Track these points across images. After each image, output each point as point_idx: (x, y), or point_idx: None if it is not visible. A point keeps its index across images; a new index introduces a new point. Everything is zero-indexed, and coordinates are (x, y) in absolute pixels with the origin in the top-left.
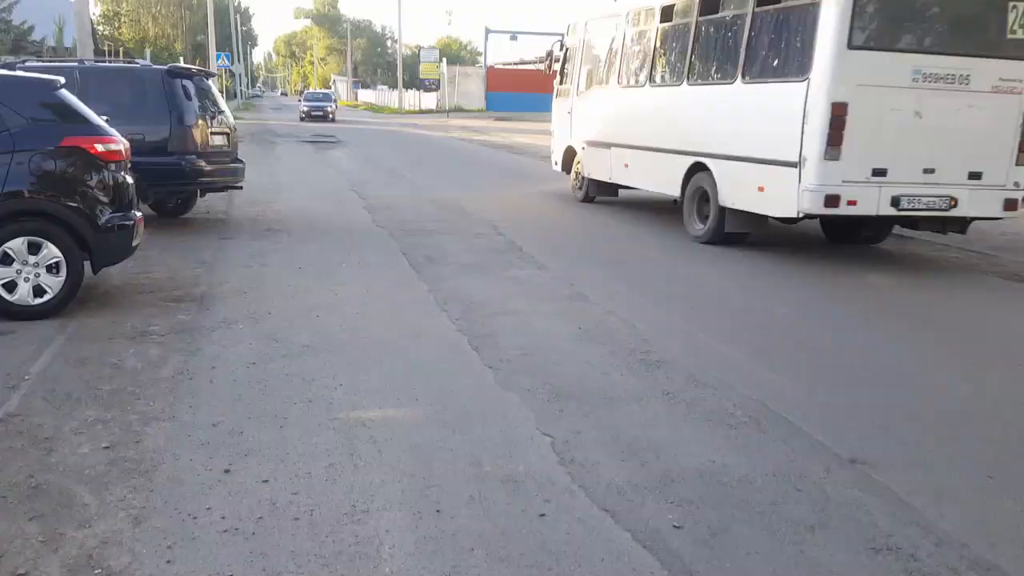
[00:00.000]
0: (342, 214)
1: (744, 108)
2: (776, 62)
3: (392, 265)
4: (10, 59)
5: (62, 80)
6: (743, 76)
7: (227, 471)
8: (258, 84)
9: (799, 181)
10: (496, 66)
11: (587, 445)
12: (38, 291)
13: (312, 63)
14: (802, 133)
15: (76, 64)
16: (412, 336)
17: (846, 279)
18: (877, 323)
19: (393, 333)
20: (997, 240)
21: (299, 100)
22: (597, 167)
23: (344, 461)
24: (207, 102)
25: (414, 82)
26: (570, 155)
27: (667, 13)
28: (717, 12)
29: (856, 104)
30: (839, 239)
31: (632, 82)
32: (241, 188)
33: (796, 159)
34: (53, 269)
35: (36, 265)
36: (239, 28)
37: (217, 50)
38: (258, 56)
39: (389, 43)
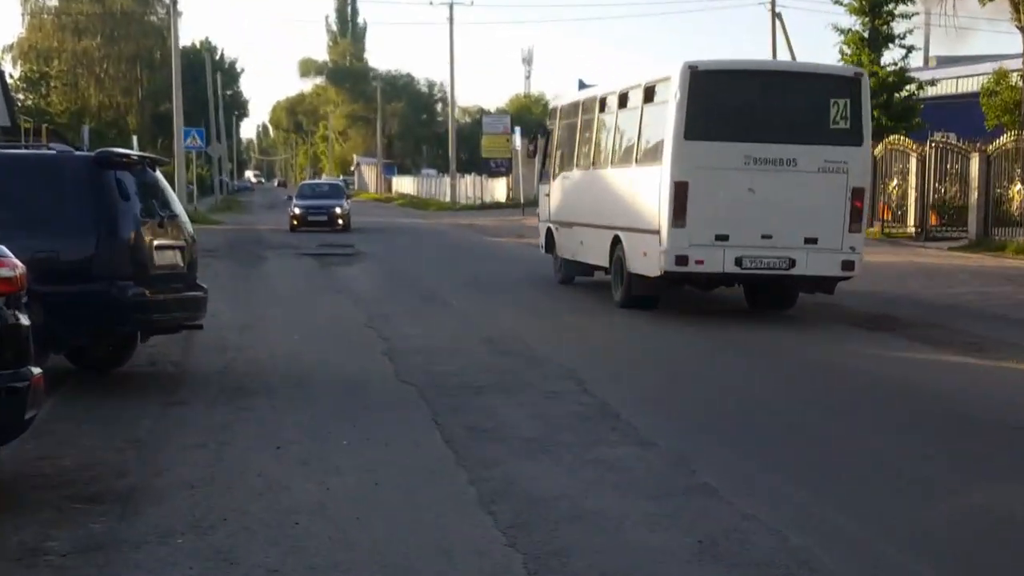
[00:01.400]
0: (351, 362)
1: (644, 187)
2: (649, 149)
3: (418, 441)
4: None
5: None
6: (639, 160)
7: None
8: (247, 172)
9: (660, 245)
10: None
11: None
12: None
13: (326, 139)
14: (659, 206)
15: None
16: (437, 554)
17: None
18: None
19: (409, 549)
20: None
21: (289, 197)
22: (566, 246)
23: None
24: (154, 202)
25: (474, 162)
26: (550, 237)
27: (623, 99)
28: (629, 105)
29: (696, 183)
30: (755, 305)
31: (584, 164)
32: (201, 327)
33: (658, 227)
34: None
35: None
36: (220, 92)
37: (186, 124)
38: (248, 130)
39: (439, 107)
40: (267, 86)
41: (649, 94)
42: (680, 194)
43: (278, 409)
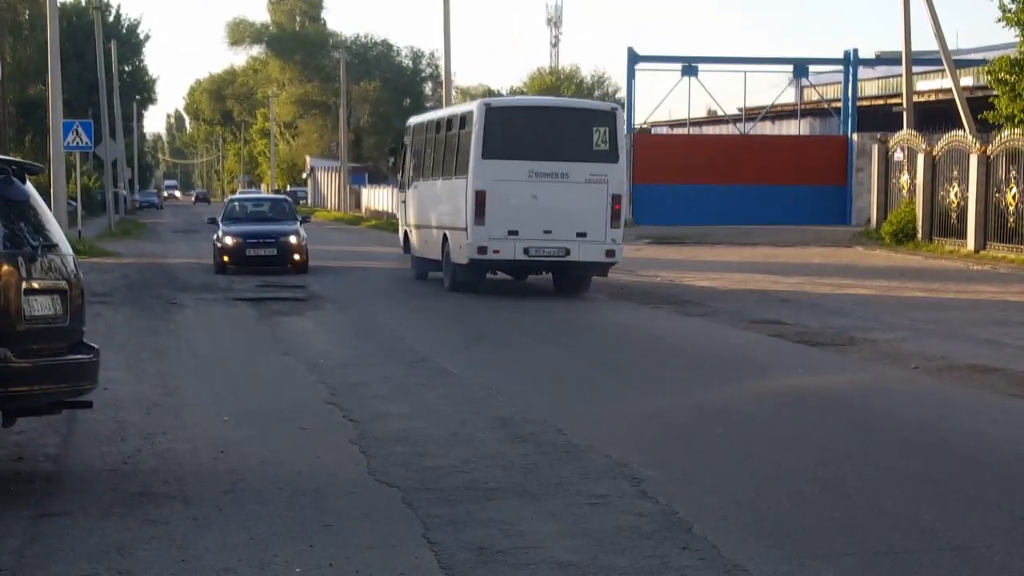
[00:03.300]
0: (306, 455)
1: (457, 195)
2: (460, 162)
3: (403, 569)
4: None
5: None
6: (456, 173)
7: None
8: (155, 180)
9: (467, 239)
10: (652, 129)
11: None
12: None
13: (266, 134)
14: (466, 209)
15: None
16: None
17: None
18: None
19: None
20: None
21: (213, 222)
22: (416, 245)
23: None
24: (22, 227)
25: None
26: (407, 239)
27: (442, 125)
28: (452, 129)
29: (492, 191)
30: (561, 290)
31: (421, 173)
32: (90, 405)
33: (466, 226)
34: None
35: None
36: (116, 69)
37: (68, 115)
38: (156, 122)
39: (428, 88)
40: (183, 60)
41: (463, 122)
42: (480, 200)
43: (201, 524)
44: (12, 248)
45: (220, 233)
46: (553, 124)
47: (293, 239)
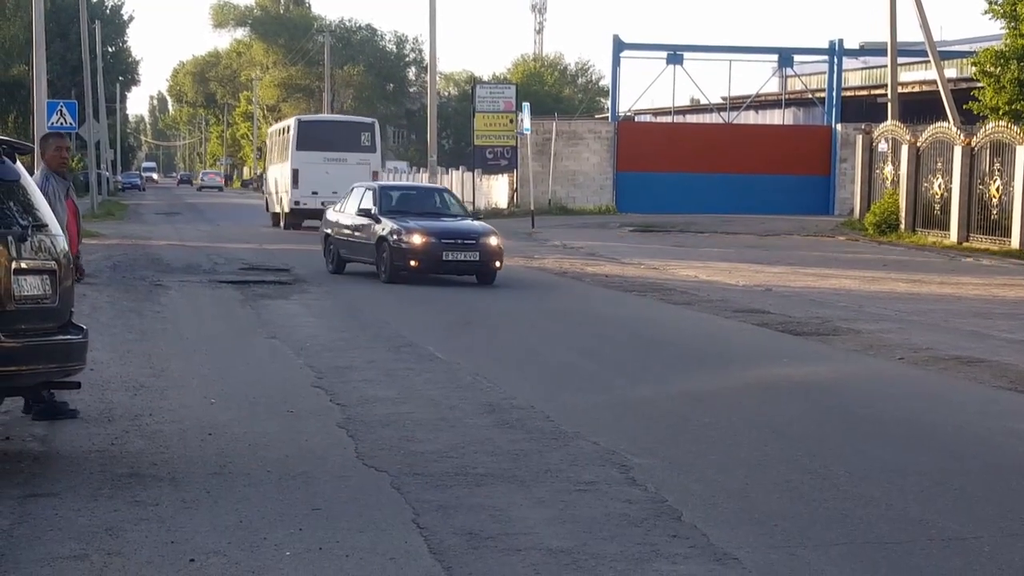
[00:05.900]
0: (294, 439)
1: (286, 172)
2: (286, 153)
3: (393, 554)
4: None
5: None
6: (284, 160)
7: None
8: (137, 162)
9: (289, 196)
10: (636, 117)
11: None
12: None
13: (250, 117)
14: (289, 179)
15: None
16: None
17: None
18: None
19: None
20: None
21: (365, 214)
22: (272, 204)
23: None
24: (12, 206)
25: (462, 153)
26: (269, 200)
27: (280, 132)
28: (284, 134)
29: (302, 169)
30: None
31: (271, 161)
32: (78, 386)
33: (289, 189)
34: None
35: None
36: (100, 50)
37: (52, 95)
38: (139, 104)
39: (412, 73)
40: (167, 41)
41: (288, 130)
42: (295, 174)
43: (190, 506)
44: (2, 228)
45: (394, 227)
46: (337, 130)
47: (494, 241)
